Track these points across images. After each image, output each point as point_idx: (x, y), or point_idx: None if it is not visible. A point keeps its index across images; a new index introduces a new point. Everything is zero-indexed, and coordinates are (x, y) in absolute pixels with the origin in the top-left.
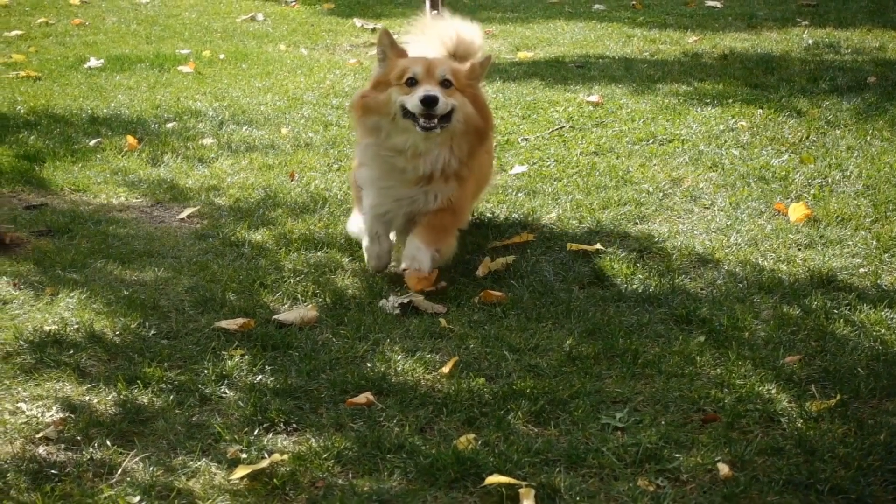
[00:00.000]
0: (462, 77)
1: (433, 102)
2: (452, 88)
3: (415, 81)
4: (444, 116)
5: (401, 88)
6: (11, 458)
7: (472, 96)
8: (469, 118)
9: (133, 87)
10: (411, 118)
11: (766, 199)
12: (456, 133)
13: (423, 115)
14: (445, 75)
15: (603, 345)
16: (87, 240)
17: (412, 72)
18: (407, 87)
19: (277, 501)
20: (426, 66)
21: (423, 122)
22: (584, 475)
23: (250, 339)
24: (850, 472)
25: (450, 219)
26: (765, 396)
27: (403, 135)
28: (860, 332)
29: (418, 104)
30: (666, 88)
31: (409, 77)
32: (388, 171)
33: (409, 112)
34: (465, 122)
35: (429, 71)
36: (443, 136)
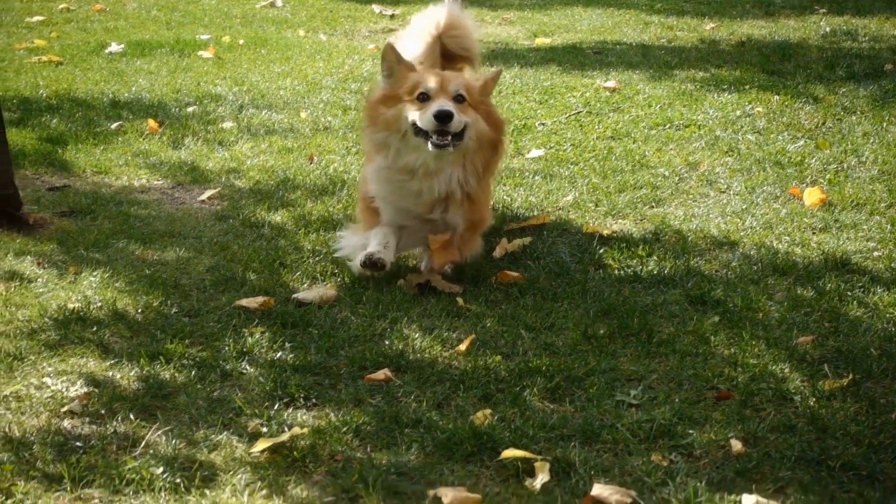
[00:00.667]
0: (475, 93)
1: (448, 118)
2: (465, 104)
3: (427, 97)
4: (457, 134)
5: (412, 104)
6: (37, 431)
7: (485, 113)
8: (482, 135)
9: (153, 72)
10: (423, 136)
11: (781, 184)
12: (469, 150)
13: (436, 132)
14: (459, 90)
15: (618, 324)
16: (109, 220)
17: (424, 86)
18: (419, 102)
19: (297, 474)
20: (439, 81)
21: (436, 140)
22: (598, 450)
23: (270, 317)
24: (861, 450)
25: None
26: (778, 375)
27: (414, 153)
28: (873, 313)
29: (432, 120)
30: (683, 74)
31: (422, 92)
32: (401, 194)
33: (420, 129)
34: (479, 139)
35: (442, 86)
36: (455, 154)
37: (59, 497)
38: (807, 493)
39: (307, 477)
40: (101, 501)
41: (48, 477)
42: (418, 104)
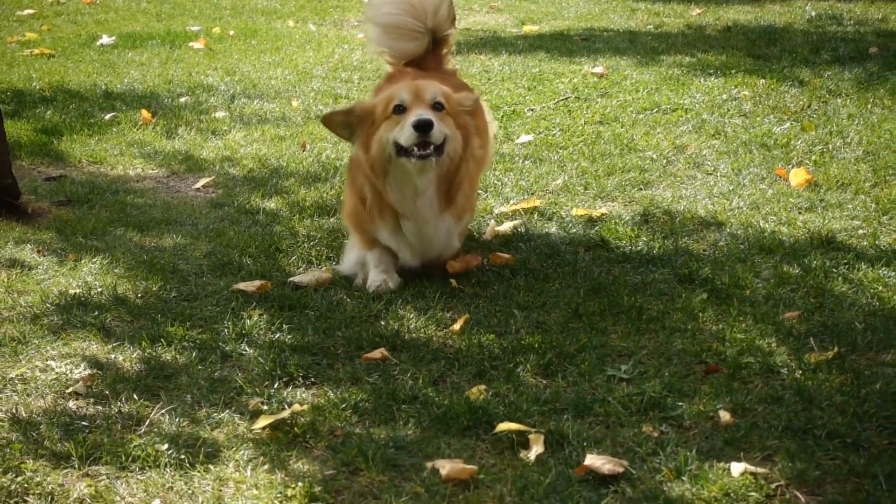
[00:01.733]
0: (454, 101)
1: (428, 126)
2: (444, 113)
3: (403, 108)
4: (438, 148)
5: (389, 122)
6: (44, 412)
7: (462, 126)
8: (457, 147)
9: (145, 64)
10: (405, 154)
11: (767, 165)
12: (444, 167)
13: (416, 145)
14: (437, 98)
15: (608, 302)
16: (106, 209)
17: (399, 98)
18: (395, 115)
19: (298, 449)
20: (413, 90)
21: (418, 151)
22: (590, 423)
23: (268, 300)
24: (846, 419)
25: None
26: (765, 349)
27: (402, 175)
28: (858, 289)
29: (412, 132)
30: (670, 60)
31: (396, 105)
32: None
33: (402, 148)
34: (454, 156)
35: (417, 94)
36: (437, 170)
37: (67, 474)
38: (794, 461)
39: (308, 452)
40: (109, 478)
41: (56, 455)
42: (396, 118)
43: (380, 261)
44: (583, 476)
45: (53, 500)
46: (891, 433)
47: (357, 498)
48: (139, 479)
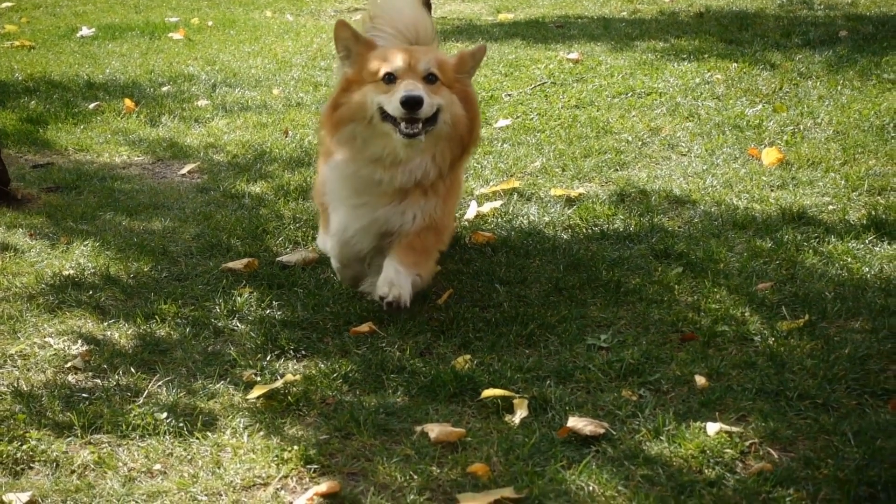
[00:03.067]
0: (449, 70)
1: (417, 104)
2: (438, 84)
3: (394, 78)
4: (429, 119)
5: (377, 86)
6: (44, 385)
7: (461, 93)
8: (457, 120)
9: (126, 54)
10: (391, 121)
11: (740, 146)
12: (441, 137)
13: (405, 120)
14: (430, 69)
15: (587, 276)
16: (95, 195)
17: (391, 66)
18: (385, 84)
19: (292, 416)
20: (406, 59)
21: (406, 128)
22: (572, 388)
23: (257, 278)
24: (816, 381)
25: (432, 238)
26: (738, 318)
27: (381, 140)
28: (828, 261)
29: (399, 107)
30: (644, 45)
31: (387, 72)
32: (362, 186)
33: (388, 115)
34: (454, 124)
35: (410, 64)
36: (427, 142)
37: (70, 442)
38: (767, 420)
39: (301, 419)
40: (110, 445)
41: (58, 425)
42: (384, 86)
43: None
44: (565, 437)
45: (59, 467)
46: (859, 394)
47: (350, 460)
48: (140, 446)
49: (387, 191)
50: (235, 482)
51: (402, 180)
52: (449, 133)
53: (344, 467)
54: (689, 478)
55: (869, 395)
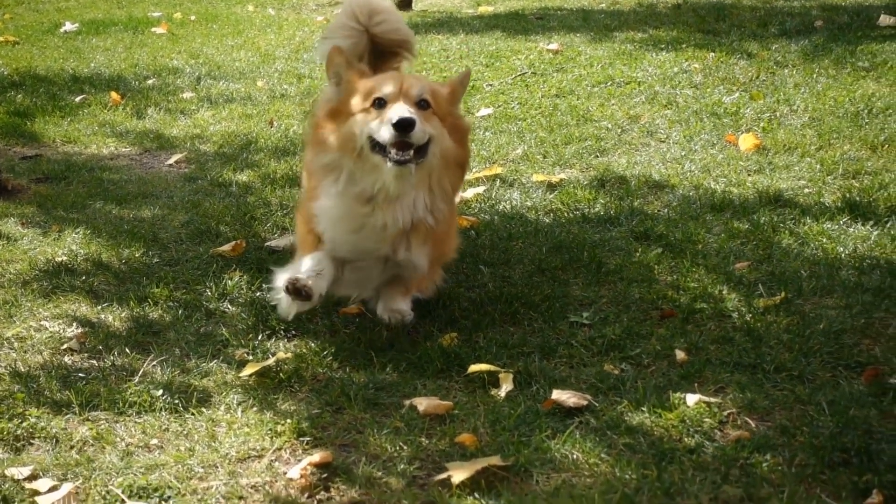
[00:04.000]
0: (442, 100)
1: (409, 126)
2: (430, 112)
3: (384, 102)
4: (420, 149)
5: (367, 114)
6: (41, 366)
7: (452, 126)
8: (448, 152)
9: (110, 49)
10: (381, 151)
11: (718, 132)
12: (433, 170)
13: (395, 145)
14: (423, 95)
15: (569, 258)
16: (84, 185)
17: (381, 91)
18: (375, 109)
19: (284, 392)
20: (399, 84)
21: (396, 155)
22: (555, 363)
23: (246, 262)
24: (792, 355)
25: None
26: (716, 296)
27: (371, 175)
28: (803, 241)
29: (390, 130)
30: (622, 36)
31: (378, 98)
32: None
33: (378, 144)
34: (444, 156)
35: (402, 89)
36: (419, 175)
37: (69, 420)
38: (744, 392)
39: (294, 395)
40: (108, 422)
41: (56, 403)
42: (374, 112)
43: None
44: (550, 409)
45: (58, 443)
46: (833, 367)
47: (342, 432)
48: (137, 422)
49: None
50: (231, 454)
51: (404, 219)
52: (441, 166)
53: (336, 439)
54: (669, 446)
55: (843, 368)
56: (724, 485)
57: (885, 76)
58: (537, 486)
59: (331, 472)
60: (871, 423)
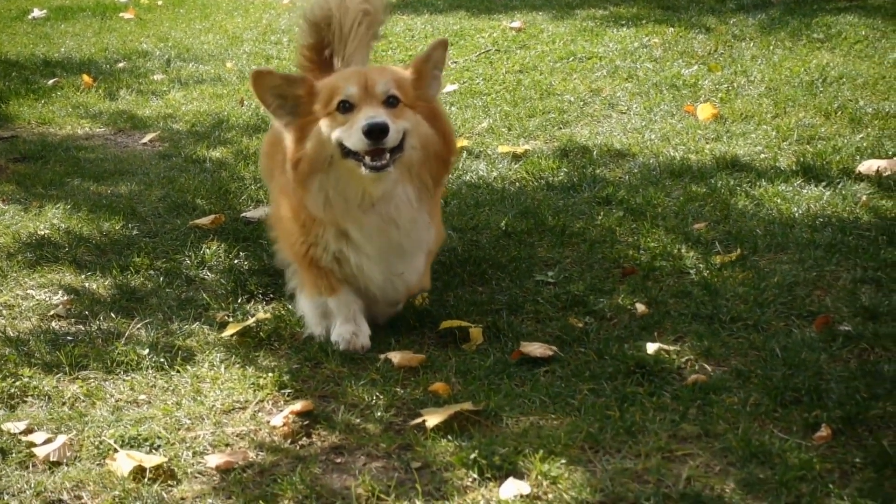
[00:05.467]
0: (409, 87)
1: (382, 133)
2: (401, 106)
3: (350, 105)
4: (397, 147)
5: (332, 119)
6: (31, 332)
7: (426, 110)
8: (427, 141)
9: (79, 34)
10: (353, 157)
11: (677, 103)
12: (413, 163)
13: (369, 153)
14: (390, 90)
15: (534, 222)
16: (61, 164)
17: (345, 92)
18: (341, 114)
19: (265, 350)
20: (362, 82)
21: (371, 161)
22: (522, 319)
23: (223, 233)
24: (747, 306)
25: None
26: (675, 254)
27: (349, 180)
28: (759, 203)
29: (362, 139)
30: (584, 13)
31: (342, 100)
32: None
33: (349, 150)
34: (423, 146)
35: (366, 88)
36: (399, 171)
37: (60, 379)
38: (701, 340)
39: (274, 352)
40: (97, 380)
41: (47, 364)
42: (341, 117)
43: (346, 307)
44: (518, 360)
45: (51, 400)
46: (786, 316)
47: (321, 384)
48: (125, 380)
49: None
50: (216, 407)
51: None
52: (420, 157)
53: (315, 391)
54: (631, 390)
55: (795, 317)
56: (682, 423)
57: (839, 47)
58: (507, 428)
59: (312, 420)
60: (821, 365)
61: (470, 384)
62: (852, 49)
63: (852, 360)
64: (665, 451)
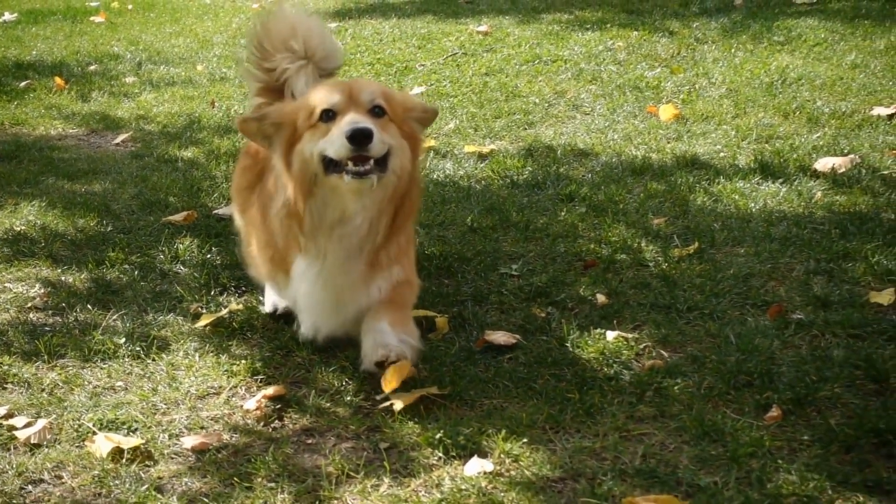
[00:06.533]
0: (398, 105)
1: (366, 138)
2: (386, 119)
3: (333, 114)
4: (379, 161)
5: (314, 131)
6: (9, 323)
7: (410, 136)
8: (405, 171)
9: (50, 37)
10: (336, 169)
11: (640, 105)
12: (388, 190)
13: (352, 159)
14: (376, 100)
15: (499, 218)
16: (35, 163)
17: (328, 101)
18: (323, 124)
19: (238, 340)
20: (346, 91)
21: (354, 166)
22: (487, 309)
23: (196, 230)
24: (704, 296)
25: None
26: (635, 248)
27: (329, 200)
28: (717, 199)
29: (345, 144)
30: (549, 18)
31: (324, 110)
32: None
33: (332, 161)
34: (403, 174)
35: (351, 96)
36: (378, 193)
37: (38, 367)
38: (659, 328)
39: (247, 341)
40: (75, 368)
41: (26, 353)
42: (323, 127)
43: None
44: (482, 348)
45: (30, 386)
46: (741, 305)
47: (292, 371)
48: (102, 368)
49: (354, 260)
50: (191, 392)
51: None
52: (402, 186)
53: (287, 377)
54: (590, 374)
55: (750, 306)
56: (639, 405)
57: (799, 49)
58: (471, 410)
59: (284, 404)
60: (773, 351)
61: (436, 370)
62: (812, 51)
63: (804, 346)
64: (622, 431)
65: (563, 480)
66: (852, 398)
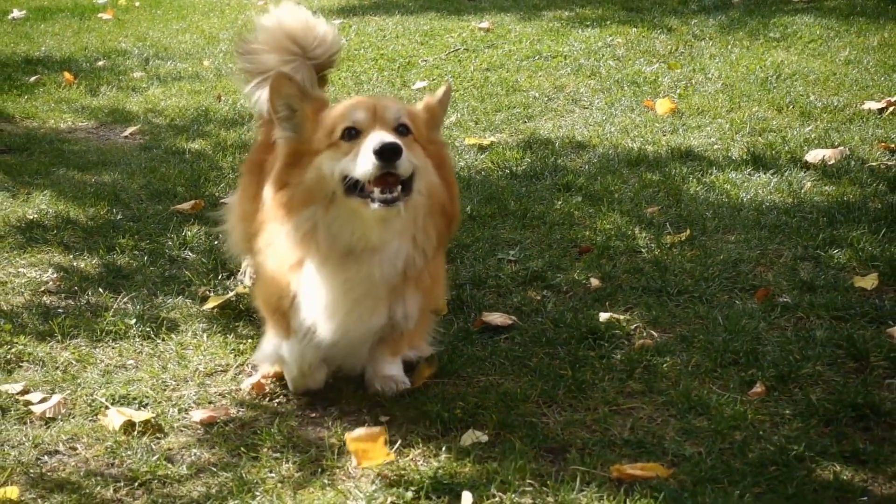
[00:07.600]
0: (422, 124)
1: (395, 153)
2: (411, 138)
3: (356, 132)
4: (405, 183)
5: (335, 150)
6: (24, 306)
7: (436, 156)
8: (433, 190)
9: (59, 34)
10: (359, 194)
11: (637, 99)
12: (418, 211)
13: (379, 181)
14: (401, 118)
15: (498, 207)
16: (46, 155)
17: (351, 119)
18: (346, 142)
19: (244, 321)
20: (370, 108)
21: (381, 193)
22: (485, 292)
23: (203, 218)
24: (694, 280)
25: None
26: (629, 235)
27: (349, 223)
28: (709, 189)
29: (372, 160)
30: (550, 15)
31: (347, 127)
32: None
33: (355, 184)
34: (430, 195)
35: (376, 113)
36: (405, 218)
37: (52, 346)
38: (650, 310)
39: (253, 322)
40: (87, 347)
41: (40, 334)
42: (346, 146)
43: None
44: (480, 328)
45: (45, 365)
46: (730, 289)
47: None
48: (113, 347)
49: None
50: (199, 370)
51: (387, 273)
52: (426, 207)
53: None
54: (583, 353)
55: (739, 290)
56: (629, 381)
57: (795, 45)
58: (468, 387)
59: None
60: (759, 332)
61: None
62: (806, 48)
63: (789, 327)
64: (612, 405)
65: (555, 451)
66: (833, 375)
